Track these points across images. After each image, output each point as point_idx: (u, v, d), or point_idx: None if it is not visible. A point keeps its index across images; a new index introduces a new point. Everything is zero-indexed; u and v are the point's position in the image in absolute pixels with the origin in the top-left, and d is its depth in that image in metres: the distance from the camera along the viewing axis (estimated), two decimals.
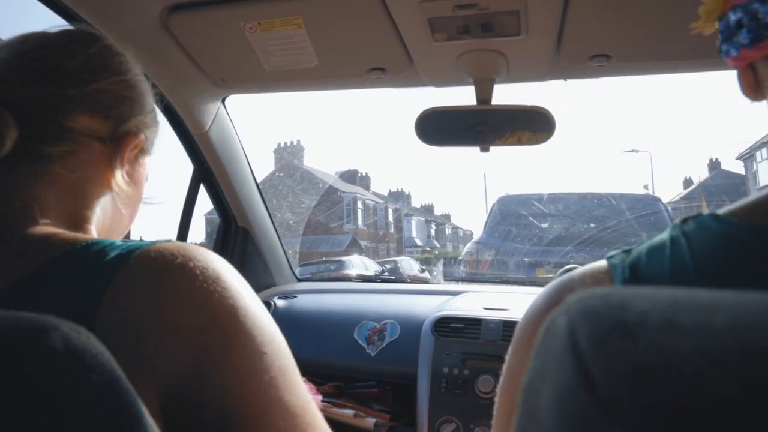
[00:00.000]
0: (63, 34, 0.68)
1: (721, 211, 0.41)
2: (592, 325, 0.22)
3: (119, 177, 0.68)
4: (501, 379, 0.52)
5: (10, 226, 0.58)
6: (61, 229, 0.60)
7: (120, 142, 0.68)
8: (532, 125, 1.29)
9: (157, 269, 0.52)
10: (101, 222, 0.69)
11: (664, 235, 0.42)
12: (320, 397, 0.79)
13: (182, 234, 1.77)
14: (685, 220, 0.42)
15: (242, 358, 0.52)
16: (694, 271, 0.37)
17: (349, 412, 1.53)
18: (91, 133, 0.65)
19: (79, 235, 0.59)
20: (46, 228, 0.59)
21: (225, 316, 0.52)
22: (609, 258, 0.48)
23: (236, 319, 0.53)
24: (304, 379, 0.60)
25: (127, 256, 0.52)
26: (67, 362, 0.31)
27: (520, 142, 1.30)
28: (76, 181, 0.64)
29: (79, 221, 0.65)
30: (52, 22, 0.74)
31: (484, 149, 1.33)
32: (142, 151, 0.73)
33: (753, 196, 0.41)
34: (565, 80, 1.41)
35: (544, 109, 1.26)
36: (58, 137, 0.62)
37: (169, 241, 0.56)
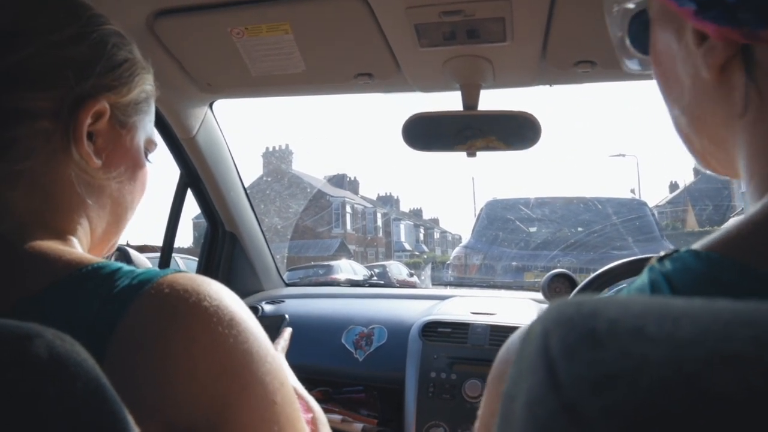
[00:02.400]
0: None
1: (699, 246, 0.37)
2: (565, 332, 0.22)
3: (75, 155, 0.58)
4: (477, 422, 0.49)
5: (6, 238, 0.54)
6: (51, 241, 0.56)
7: (71, 115, 0.58)
8: (519, 130, 1.30)
9: (172, 309, 0.49)
10: (87, 230, 0.62)
11: (643, 278, 0.38)
12: (311, 416, 0.78)
13: (169, 239, 1.76)
14: (661, 259, 0.38)
15: (255, 407, 0.50)
16: None
17: (337, 417, 1.53)
18: (31, 112, 0.56)
19: (81, 254, 0.55)
20: (39, 243, 0.54)
21: (240, 363, 0.50)
22: None
23: (250, 366, 0.51)
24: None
25: (138, 288, 0.49)
26: (51, 370, 0.31)
27: (506, 148, 1.31)
28: (35, 176, 0.57)
29: (60, 230, 0.58)
30: None
31: (471, 154, 1.34)
32: (117, 119, 0.63)
33: (730, 225, 0.38)
34: (550, 86, 1.43)
35: (530, 114, 1.27)
36: None
37: (179, 271, 0.52)
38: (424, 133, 1.34)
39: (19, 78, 0.56)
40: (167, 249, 1.77)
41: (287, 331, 1.04)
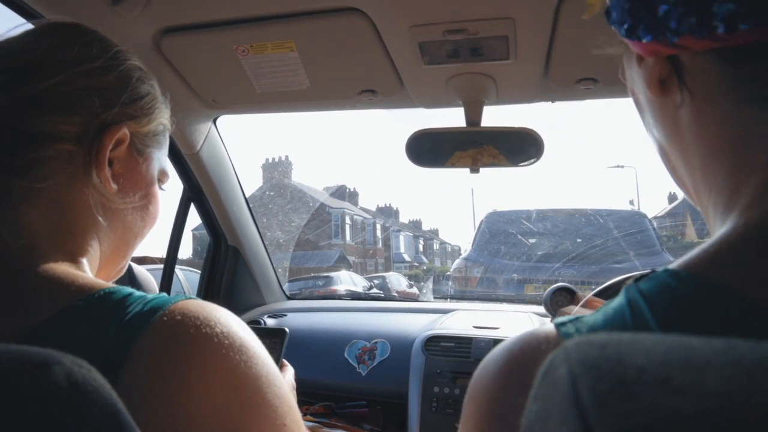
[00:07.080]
0: (26, 32, 0.63)
1: (678, 266, 0.37)
2: (593, 379, 0.23)
3: (95, 178, 0.61)
4: None
5: (13, 260, 0.55)
6: (64, 264, 0.57)
7: (94, 140, 0.60)
8: (522, 146, 1.31)
9: (184, 336, 0.50)
10: (97, 253, 0.64)
11: (620, 300, 0.38)
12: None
13: (172, 253, 1.77)
14: (638, 280, 0.38)
15: (265, 430, 0.51)
16: None
17: None
18: (57, 135, 0.58)
19: (92, 279, 0.56)
20: (52, 266, 0.55)
21: (251, 387, 0.51)
22: (559, 325, 0.41)
23: (261, 390, 0.52)
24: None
25: (150, 314, 0.50)
26: (70, 397, 0.32)
27: (509, 164, 1.32)
28: (53, 196, 0.59)
29: (72, 252, 0.60)
30: None
31: (474, 170, 1.35)
32: (135, 147, 0.66)
33: (709, 243, 0.38)
34: (552, 102, 1.44)
35: (532, 130, 1.28)
36: (17, 145, 0.57)
37: (189, 298, 0.53)
38: (427, 149, 1.35)
39: (48, 103, 0.59)
40: (170, 263, 1.77)
41: (288, 369, 1.04)
